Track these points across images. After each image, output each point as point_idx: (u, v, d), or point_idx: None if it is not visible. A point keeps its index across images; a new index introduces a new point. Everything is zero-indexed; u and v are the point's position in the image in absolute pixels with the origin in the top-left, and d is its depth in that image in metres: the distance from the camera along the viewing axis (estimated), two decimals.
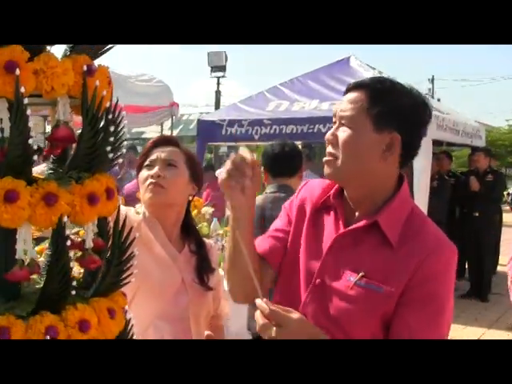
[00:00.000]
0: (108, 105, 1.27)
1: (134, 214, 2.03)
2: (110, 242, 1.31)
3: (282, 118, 7.89)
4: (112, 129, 1.29)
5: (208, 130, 8.83)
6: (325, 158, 1.61)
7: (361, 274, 1.54)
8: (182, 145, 2.16)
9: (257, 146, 9.29)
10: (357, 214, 1.63)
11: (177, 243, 2.10)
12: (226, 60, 13.15)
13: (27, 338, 1.10)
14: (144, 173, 2.04)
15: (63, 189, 1.14)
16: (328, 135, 1.61)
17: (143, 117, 11.54)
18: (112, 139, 1.30)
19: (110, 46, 1.30)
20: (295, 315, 1.45)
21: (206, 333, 2.15)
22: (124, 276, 1.31)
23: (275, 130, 7.98)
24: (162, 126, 12.71)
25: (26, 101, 1.07)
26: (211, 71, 13.47)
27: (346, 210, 1.65)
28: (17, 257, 1.13)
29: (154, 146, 2.10)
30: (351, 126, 1.55)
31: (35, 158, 1.15)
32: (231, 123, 8.48)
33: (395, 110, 1.54)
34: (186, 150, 2.15)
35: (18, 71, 1.07)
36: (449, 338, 1.62)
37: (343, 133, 1.56)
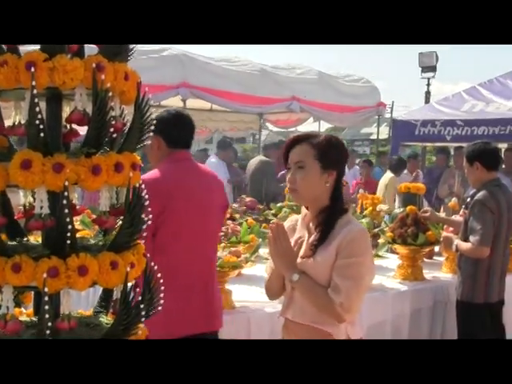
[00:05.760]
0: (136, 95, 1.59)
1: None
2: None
3: (475, 119, 7.64)
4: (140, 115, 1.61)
5: (402, 130, 8.83)
6: None
7: None
8: (315, 138, 2.27)
9: None
10: None
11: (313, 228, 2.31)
12: (437, 60, 12.85)
13: (35, 273, 1.43)
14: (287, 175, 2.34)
15: (70, 160, 1.46)
16: None
17: (350, 116, 11.79)
18: (140, 124, 1.62)
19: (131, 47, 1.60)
20: None
21: None
22: (134, 237, 1.59)
23: (467, 131, 7.75)
24: (390, 128, 12.59)
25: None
26: (421, 72, 13.26)
27: None
28: (35, 212, 1.47)
29: (288, 147, 2.30)
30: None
31: None
32: (424, 123, 8.39)
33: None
34: (319, 142, 2.25)
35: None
36: None
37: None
